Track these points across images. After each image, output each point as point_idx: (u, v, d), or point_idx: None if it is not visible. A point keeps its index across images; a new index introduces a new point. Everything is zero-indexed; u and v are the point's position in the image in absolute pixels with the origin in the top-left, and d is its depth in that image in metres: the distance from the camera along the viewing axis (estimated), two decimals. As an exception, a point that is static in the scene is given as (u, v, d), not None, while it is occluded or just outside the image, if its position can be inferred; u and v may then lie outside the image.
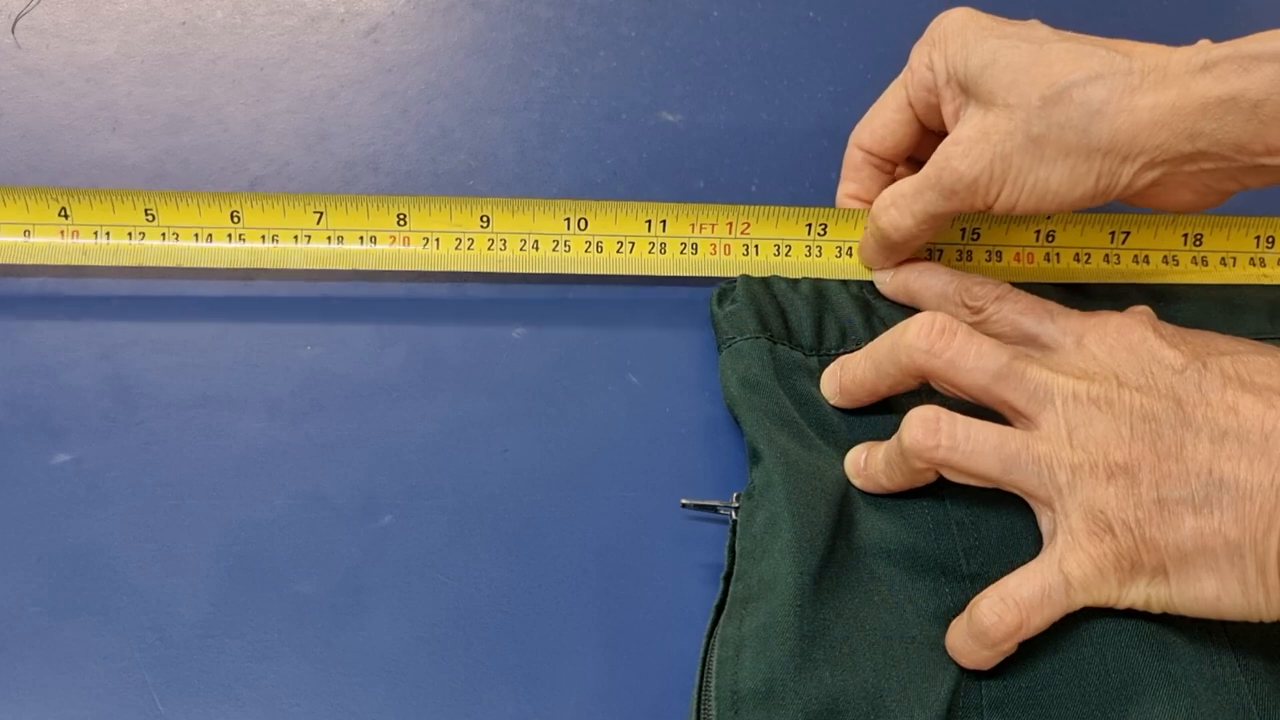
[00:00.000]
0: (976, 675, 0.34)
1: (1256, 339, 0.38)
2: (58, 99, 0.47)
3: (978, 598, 0.34)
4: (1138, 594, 0.33)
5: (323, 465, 0.39)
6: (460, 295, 0.43)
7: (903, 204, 0.38)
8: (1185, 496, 0.32)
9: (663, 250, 0.42)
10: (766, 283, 0.41)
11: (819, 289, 0.42)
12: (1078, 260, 0.42)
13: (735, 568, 0.36)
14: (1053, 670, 0.34)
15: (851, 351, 0.40)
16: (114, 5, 0.49)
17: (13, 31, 0.48)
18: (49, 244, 0.41)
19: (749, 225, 0.42)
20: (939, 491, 0.37)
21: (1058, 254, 0.42)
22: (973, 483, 0.35)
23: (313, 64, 0.48)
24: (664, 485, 0.39)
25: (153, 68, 0.48)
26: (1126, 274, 0.42)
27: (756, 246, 0.42)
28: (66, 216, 0.41)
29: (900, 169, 0.43)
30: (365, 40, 0.49)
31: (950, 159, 0.37)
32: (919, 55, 0.40)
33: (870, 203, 0.41)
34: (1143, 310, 0.37)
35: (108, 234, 0.41)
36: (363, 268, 0.42)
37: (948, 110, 0.39)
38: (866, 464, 0.37)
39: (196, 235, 0.41)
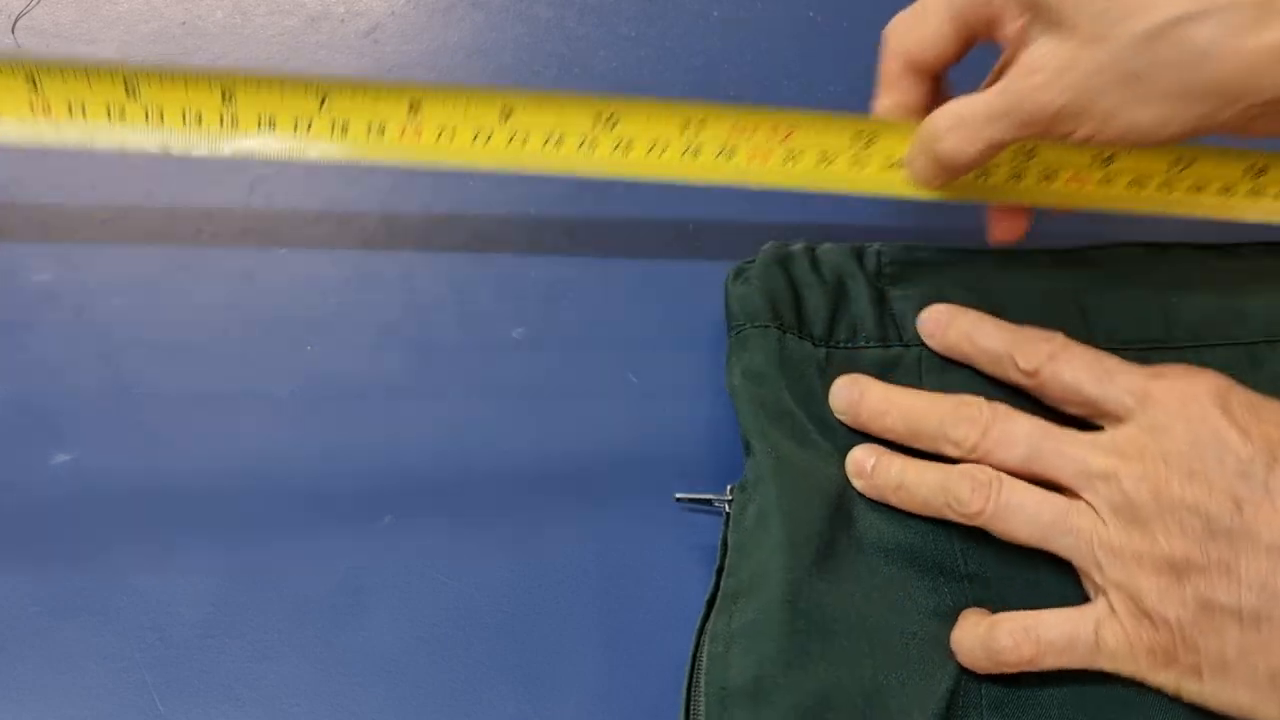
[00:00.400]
0: (977, 676, 0.34)
1: (1269, 341, 0.37)
2: (58, 99, 0.46)
3: (1003, 617, 0.34)
4: (1167, 681, 0.32)
5: (323, 465, 0.39)
6: (460, 296, 0.43)
7: (966, 131, 0.35)
8: (1233, 605, 0.30)
9: (696, 154, 0.39)
10: (785, 263, 0.40)
11: (840, 276, 0.40)
12: (1132, 186, 0.40)
13: (727, 562, 0.36)
14: (1054, 673, 0.34)
15: (860, 349, 0.39)
16: (114, 5, 0.49)
17: (13, 31, 0.48)
18: (17, 121, 0.36)
19: (792, 132, 0.39)
20: None
21: (1112, 178, 0.40)
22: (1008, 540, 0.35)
23: (313, 64, 0.48)
24: (664, 485, 0.39)
25: (153, 68, 0.48)
26: (1178, 204, 0.41)
27: (797, 155, 0.39)
28: (36, 88, 0.36)
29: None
30: (365, 40, 0.49)
31: (1032, 89, 0.34)
32: None
33: (916, 114, 0.39)
34: (1214, 379, 0.34)
35: (83, 109, 0.36)
36: (368, 159, 0.38)
37: (1009, 29, 0.36)
38: (874, 473, 0.36)
39: (184, 116, 0.37)
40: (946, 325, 0.39)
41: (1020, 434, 0.35)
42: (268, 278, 0.43)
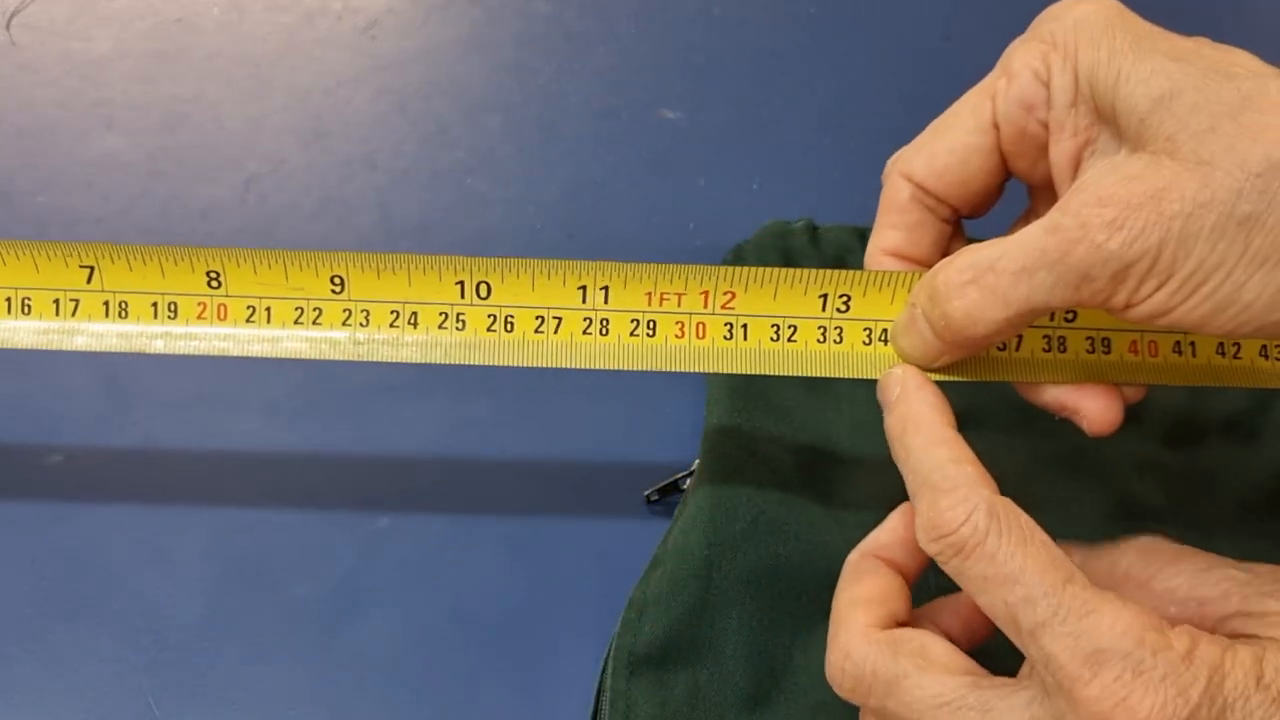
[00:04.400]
0: None
1: None
2: (53, 96, 0.46)
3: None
4: None
5: (320, 465, 0.39)
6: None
7: (993, 284, 0.26)
8: None
9: (604, 331, 0.30)
10: (783, 238, 0.40)
11: (840, 251, 0.40)
12: (1221, 353, 0.30)
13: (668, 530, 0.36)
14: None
15: None
16: (109, 2, 0.49)
17: (8, 28, 0.48)
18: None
19: (733, 295, 0.30)
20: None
21: (1193, 344, 0.30)
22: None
23: (309, 61, 0.48)
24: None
25: (148, 65, 0.47)
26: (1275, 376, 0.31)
27: (745, 327, 0.30)
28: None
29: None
30: (362, 37, 0.49)
31: (1090, 228, 0.24)
32: (1025, 58, 0.28)
33: (919, 263, 0.30)
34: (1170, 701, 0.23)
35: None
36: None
37: (1064, 146, 0.27)
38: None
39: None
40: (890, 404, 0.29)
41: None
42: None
